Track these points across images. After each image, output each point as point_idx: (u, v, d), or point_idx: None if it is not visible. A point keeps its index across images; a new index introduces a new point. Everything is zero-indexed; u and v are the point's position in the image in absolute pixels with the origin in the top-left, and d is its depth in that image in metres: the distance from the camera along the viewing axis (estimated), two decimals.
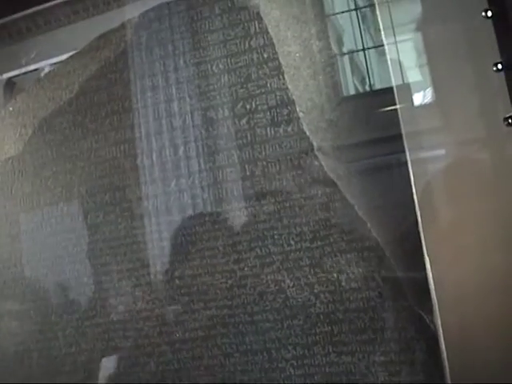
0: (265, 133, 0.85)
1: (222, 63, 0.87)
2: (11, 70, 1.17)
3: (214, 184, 0.87)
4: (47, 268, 0.97)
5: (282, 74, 0.84)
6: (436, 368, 0.73)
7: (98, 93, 0.95)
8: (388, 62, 0.80)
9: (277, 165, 0.84)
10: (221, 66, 0.87)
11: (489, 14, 0.71)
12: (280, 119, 0.84)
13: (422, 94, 0.80)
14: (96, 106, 0.95)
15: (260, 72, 0.85)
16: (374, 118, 0.90)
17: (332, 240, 0.81)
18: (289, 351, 0.82)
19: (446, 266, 0.72)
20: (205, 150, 0.88)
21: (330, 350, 0.80)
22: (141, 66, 0.92)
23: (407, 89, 0.79)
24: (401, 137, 0.76)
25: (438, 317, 0.72)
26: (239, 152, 0.86)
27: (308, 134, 0.82)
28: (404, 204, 0.76)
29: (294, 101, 0.83)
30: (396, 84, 0.79)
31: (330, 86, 0.87)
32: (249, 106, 0.86)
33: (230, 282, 0.85)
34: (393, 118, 0.77)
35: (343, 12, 0.99)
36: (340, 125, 0.87)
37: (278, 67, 0.84)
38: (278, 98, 0.84)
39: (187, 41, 0.89)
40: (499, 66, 0.70)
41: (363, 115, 0.90)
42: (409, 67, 0.82)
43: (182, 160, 0.89)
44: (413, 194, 0.75)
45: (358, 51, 1.08)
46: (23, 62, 1.15)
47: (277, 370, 0.83)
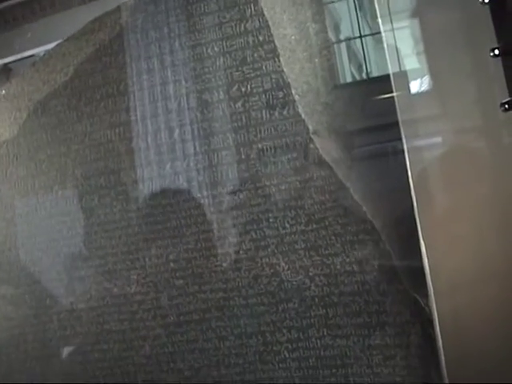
0: (260, 116, 0.84)
1: (218, 46, 0.87)
2: (7, 56, 1.17)
3: (209, 167, 0.87)
4: (42, 251, 0.97)
5: (278, 57, 0.83)
6: (431, 352, 0.73)
7: (93, 76, 0.94)
8: (385, 49, 0.80)
9: (272, 148, 0.84)
10: (216, 49, 0.87)
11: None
12: (275, 102, 0.83)
13: (418, 81, 0.80)
14: (91, 88, 0.94)
15: (255, 55, 0.85)
16: (371, 106, 0.90)
17: (327, 223, 0.81)
18: (283, 334, 0.82)
19: (441, 252, 0.72)
20: (200, 132, 0.87)
21: (325, 333, 0.80)
22: (136, 48, 0.91)
23: (404, 76, 0.79)
24: (397, 124, 0.76)
25: (433, 301, 0.72)
26: (234, 135, 0.85)
27: (303, 116, 0.82)
28: (400, 190, 0.76)
29: (289, 84, 0.83)
30: (393, 71, 0.78)
31: (326, 69, 0.87)
32: (244, 89, 0.85)
33: (224, 265, 0.85)
34: (389, 106, 0.77)
35: None
36: (336, 111, 0.86)
37: (274, 50, 0.83)
38: (274, 80, 0.84)
39: (182, 23, 0.89)
40: (496, 52, 0.70)
41: (360, 102, 0.90)
42: (406, 54, 0.81)
43: (177, 143, 0.89)
44: (409, 181, 0.74)
45: (354, 38, 1.08)
46: (19, 48, 1.15)
47: (271, 353, 0.83)
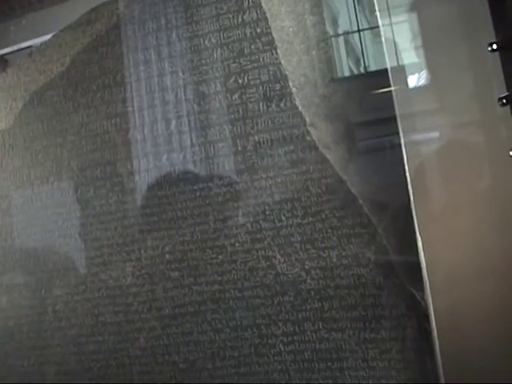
0: (257, 108, 0.84)
1: (215, 37, 0.86)
2: (3, 47, 1.17)
3: (206, 159, 0.86)
4: (37, 242, 0.97)
5: (275, 49, 0.83)
6: (427, 345, 0.73)
7: (90, 66, 0.94)
8: (383, 43, 0.80)
9: (269, 140, 0.83)
10: (213, 41, 0.87)
11: None
12: (272, 94, 0.83)
13: (416, 75, 0.79)
14: (87, 79, 0.94)
15: (253, 47, 0.84)
16: (369, 100, 0.89)
17: (324, 216, 0.80)
18: (279, 327, 0.82)
19: (437, 246, 0.72)
20: (197, 124, 0.87)
21: (321, 326, 0.80)
22: (133, 39, 0.91)
23: (402, 70, 0.79)
24: (395, 118, 0.75)
25: (429, 294, 0.72)
26: (231, 127, 0.85)
27: (300, 109, 0.82)
28: (397, 184, 0.76)
29: (286, 76, 0.82)
30: (391, 65, 0.78)
31: (324, 62, 0.86)
32: (241, 81, 0.85)
33: (220, 257, 0.85)
34: (387, 100, 0.77)
35: None
36: (334, 104, 0.86)
37: (271, 42, 0.83)
38: (271, 72, 0.83)
39: (180, 15, 0.88)
40: (494, 46, 0.70)
41: (357, 96, 0.90)
42: (404, 49, 0.81)
43: (174, 134, 0.88)
44: (406, 176, 0.74)
45: (353, 32, 1.08)
46: (16, 40, 1.14)
47: (267, 345, 0.83)
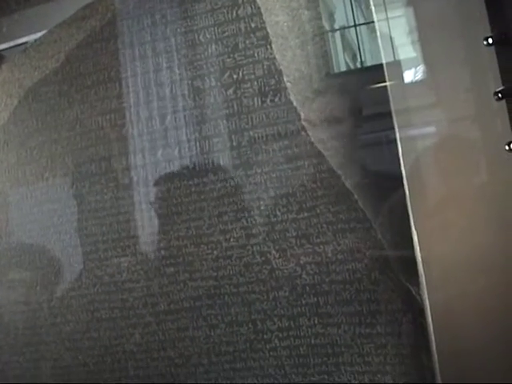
0: (252, 103, 0.84)
1: (210, 32, 0.86)
2: None
3: (201, 154, 0.86)
4: (32, 239, 0.97)
5: (270, 44, 0.83)
6: (422, 340, 0.73)
7: (85, 62, 0.94)
8: (379, 38, 0.79)
9: (264, 135, 0.83)
10: (208, 36, 0.86)
11: None
12: (267, 89, 0.83)
13: (412, 70, 0.79)
14: (82, 75, 0.94)
15: (247, 42, 0.84)
16: (364, 95, 0.89)
17: (319, 211, 0.80)
18: (274, 323, 0.82)
19: (433, 241, 0.72)
20: (191, 119, 0.87)
21: (316, 321, 0.80)
22: (128, 35, 0.91)
23: (398, 65, 0.78)
24: (390, 114, 0.75)
25: (425, 289, 0.72)
26: (226, 122, 0.85)
27: (295, 104, 0.81)
28: (392, 179, 0.76)
29: (281, 71, 0.82)
30: (387, 61, 0.78)
31: (319, 56, 0.86)
32: (236, 76, 0.85)
33: (215, 252, 0.85)
34: (383, 95, 0.77)
35: None
36: (329, 99, 0.86)
37: (266, 37, 0.83)
38: (266, 67, 0.83)
39: (175, 10, 0.88)
40: (490, 41, 0.69)
41: (353, 91, 0.90)
42: (400, 44, 0.81)
43: (169, 130, 0.88)
44: (401, 171, 0.74)
45: (349, 27, 1.08)
46: (11, 36, 1.14)
47: (262, 341, 0.83)
